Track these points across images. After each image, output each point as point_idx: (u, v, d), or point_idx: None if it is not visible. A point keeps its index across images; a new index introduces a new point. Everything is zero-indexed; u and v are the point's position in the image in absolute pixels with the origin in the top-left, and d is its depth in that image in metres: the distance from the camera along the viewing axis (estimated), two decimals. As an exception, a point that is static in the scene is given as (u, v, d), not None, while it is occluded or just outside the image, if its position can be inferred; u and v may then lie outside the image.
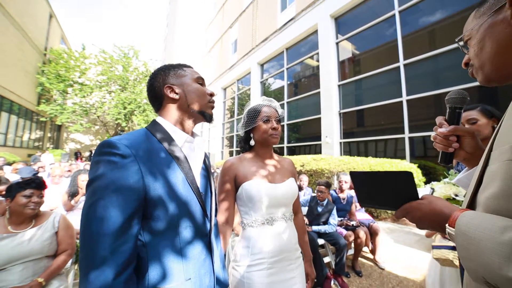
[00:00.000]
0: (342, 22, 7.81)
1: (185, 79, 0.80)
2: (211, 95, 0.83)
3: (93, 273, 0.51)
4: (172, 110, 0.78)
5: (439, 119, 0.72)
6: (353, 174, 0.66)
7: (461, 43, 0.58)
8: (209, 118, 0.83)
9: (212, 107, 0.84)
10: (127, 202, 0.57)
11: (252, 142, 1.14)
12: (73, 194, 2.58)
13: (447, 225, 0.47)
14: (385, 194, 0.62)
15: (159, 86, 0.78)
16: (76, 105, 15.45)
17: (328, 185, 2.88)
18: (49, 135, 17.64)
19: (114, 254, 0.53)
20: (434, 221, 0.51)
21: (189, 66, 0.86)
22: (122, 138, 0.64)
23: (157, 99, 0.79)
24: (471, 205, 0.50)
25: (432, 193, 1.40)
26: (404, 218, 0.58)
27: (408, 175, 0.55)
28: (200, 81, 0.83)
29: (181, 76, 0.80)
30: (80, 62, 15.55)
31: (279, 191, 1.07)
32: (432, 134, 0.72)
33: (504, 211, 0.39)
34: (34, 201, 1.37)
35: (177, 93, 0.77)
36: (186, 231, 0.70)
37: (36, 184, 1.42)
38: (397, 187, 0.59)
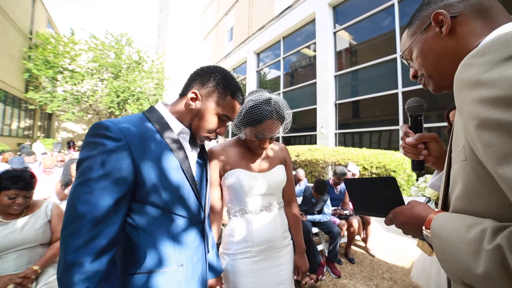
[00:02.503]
0: (340, 11, 7.66)
1: (212, 105, 0.74)
2: (218, 133, 0.79)
3: (74, 253, 0.52)
4: (182, 109, 0.76)
5: (403, 128, 0.75)
6: (346, 181, 0.70)
7: (404, 59, 0.64)
8: (192, 142, 0.79)
9: (208, 140, 0.81)
10: (114, 186, 0.57)
11: (242, 136, 1.04)
12: (66, 183, 2.55)
13: (423, 227, 0.48)
14: (375, 201, 0.65)
15: (192, 85, 0.75)
16: (67, 93, 14.92)
17: (321, 193, 2.82)
18: (39, 123, 17.15)
19: (97, 236, 0.54)
20: (414, 224, 0.52)
21: (236, 97, 0.77)
22: (116, 121, 0.63)
23: (185, 89, 0.76)
24: (444, 206, 0.52)
25: (427, 202, 1.39)
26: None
27: (391, 180, 0.59)
28: (224, 118, 0.77)
29: (213, 100, 0.74)
30: (70, 48, 14.90)
31: (264, 180, 1.04)
32: (401, 143, 0.75)
33: (470, 210, 0.41)
34: (18, 202, 1.29)
35: (195, 104, 0.74)
36: (178, 218, 0.70)
37: (22, 185, 1.30)
38: (384, 193, 0.61)
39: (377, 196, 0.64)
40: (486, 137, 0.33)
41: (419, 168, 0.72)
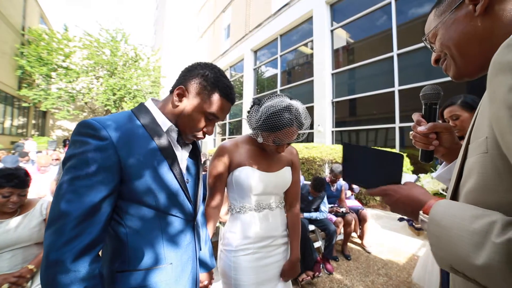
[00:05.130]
0: (337, 9, 7.65)
1: (198, 102, 0.71)
2: (205, 133, 0.76)
3: (56, 251, 0.52)
4: (169, 106, 0.74)
5: (416, 116, 0.70)
6: (345, 145, 0.66)
7: (427, 42, 0.59)
8: (180, 141, 0.76)
9: (196, 139, 0.78)
10: (99, 185, 0.57)
11: (259, 140, 1.02)
12: None
13: (421, 212, 0.47)
14: (370, 172, 0.62)
15: (181, 81, 0.73)
16: (62, 90, 14.67)
17: (319, 190, 2.85)
18: (33, 121, 16.87)
19: (80, 235, 0.54)
20: (408, 206, 0.51)
21: (225, 95, 0.73)
22: (102, 119, 0.62)
23: (174, 85, 0.74)
24: (453, 199, 0.49)
25: (415, 181, 1.41)
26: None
27: (399, 157, 0.56)
28: (211, 116, 0.73)
29: (200, 97, 0.71)
30: (64, 45, 14.65)
31: (270, 180, 1.05)
32: (411, 132, 0.71)
33: (482, 205, 0.39)
34: (12, 201, 1.28)
35: (180, 101, 0.71)
36: (167, 216, 0.69)
37: (17, 183, 1.29)
38: (384, 167, 0.59)
39: (375, 169, 0.60)
40: None
41: (428, 158, 0.69)
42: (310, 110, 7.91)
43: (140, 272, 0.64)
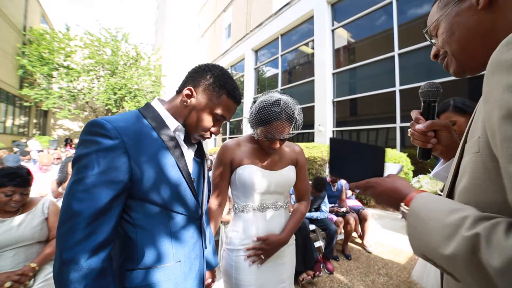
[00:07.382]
0: (338, 9, 7.63)
1: (206, 103, 0.72)
2: (212, 133, 0.77)
3: (70, 250, 0.52)
4: (177, 106, 0.75)
5: (414, 114, 0.70)
6: (332, 140, 0.67)
7: (428, 35, 0.59)
8: (188, 140, 0.78)
9: (202, 139, 0.79)
10: (110, 184, 0.58)
11: (256, 136, 1.04)
12: (61, 181, 2.54)
13: (402, 203, 0.49)
14: (355, 166, 0.63)
15: (188, 82, 0.74)
16: (63, 90, 14.71)
17: (320, 190, 2.84)
18: (34, 121, 16.93)
19: (92, 234, 0.54)
20: (391, 197, 0.53)
21: (232, 96, 0.75)
22: (111, 119, 0.63)
23: (181, 86, 0.75)
24: (449, 197, 0.50)
25: (399, 170, 1.38)
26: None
27: (382, 151, 0.57)
28: (219, 117, 0.75)
29: (208, 98, 0.72)
30: (65, 44, 14.69)
31: (273, 179, 1.05)
32: (409, 130, 0.71)
33: (473, 204, 0.39)
34: (15, 200, 1.29)
35: (189, 102, 0.73)
36: (176, 215, 0.71)
37: (19, 182, 1.30)
38: (368, 161, 0.60)
39: (359, 162, 0.62)
40: (509, 130, 0.30)
41: (426, 156, 0.69)
42: (311, 109, 7.91)
43: (149, 270, 0.65)
